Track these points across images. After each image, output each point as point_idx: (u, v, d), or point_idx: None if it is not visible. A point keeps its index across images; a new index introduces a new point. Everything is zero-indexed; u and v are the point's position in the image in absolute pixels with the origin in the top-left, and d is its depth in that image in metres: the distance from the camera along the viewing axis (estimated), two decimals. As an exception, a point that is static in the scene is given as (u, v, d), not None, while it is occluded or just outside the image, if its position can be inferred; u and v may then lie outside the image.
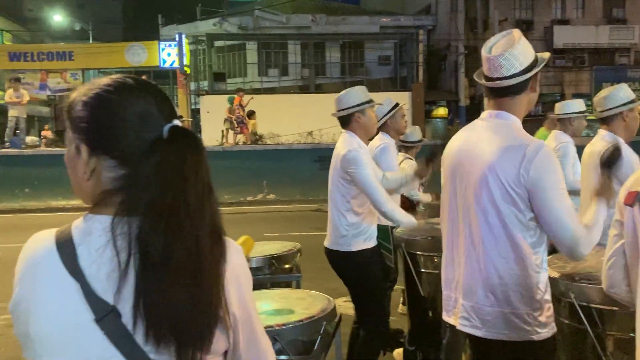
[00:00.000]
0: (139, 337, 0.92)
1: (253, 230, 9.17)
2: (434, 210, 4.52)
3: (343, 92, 3.42)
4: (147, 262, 0.91)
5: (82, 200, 1.06)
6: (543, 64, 2.06)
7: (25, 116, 15.11)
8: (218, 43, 26.06)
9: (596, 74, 24.32)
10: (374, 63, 26.67)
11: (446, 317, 2.22)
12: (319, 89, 24.47)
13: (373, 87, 24.92)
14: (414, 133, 5.39)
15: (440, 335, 2.55)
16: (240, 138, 15.89)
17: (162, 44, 19.42)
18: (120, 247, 0.93)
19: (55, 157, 14.22)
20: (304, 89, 24.84)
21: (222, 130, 16.21)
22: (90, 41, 29.25)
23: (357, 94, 3.35)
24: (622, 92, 3.32)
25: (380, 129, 4.14)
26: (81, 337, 0.93)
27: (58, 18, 34.54)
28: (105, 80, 1.03)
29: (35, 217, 12.16)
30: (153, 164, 0.94)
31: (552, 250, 2.30)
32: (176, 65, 19.16)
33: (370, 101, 3.38)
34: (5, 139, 14.69)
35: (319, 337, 2.29)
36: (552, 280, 2.28)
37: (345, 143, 3.30)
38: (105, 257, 0.93)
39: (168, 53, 19.21)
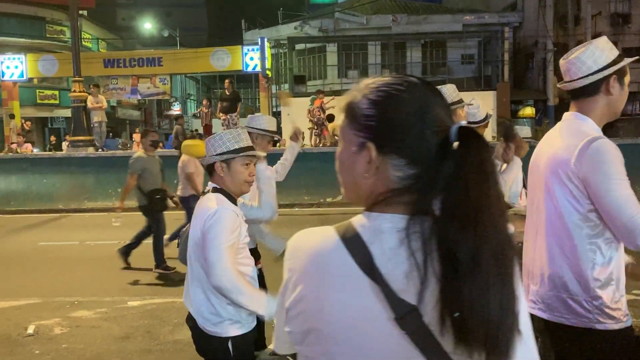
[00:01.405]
0: (446, 343, 0.89)
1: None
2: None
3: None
4: (453, 265, 0.87)
5: (349, 198, 1.07)
6: (614, 69, 2.09)
7: (106, 120, 15.91)
8: (299, 46, 26.38)
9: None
10: (457, 62, 26.05)
11: None
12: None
13: (456, 86, 24.31)
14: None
15: None
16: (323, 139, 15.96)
17: (245, 49, 19.88)
18: (415, 247, 0.91)
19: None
20: (384, 90, 24.62)
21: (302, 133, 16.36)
22: (178, 47, 30.49)
23: (447, 93, 3.24)
24: None
25: None
26: (378, 335, 0.92)
27: (148, 26, 36.29)
28: (390, 78, 1.01)
29: (128, 216, 12.75)
30: (451, 164, 0.91)
31: None
32: (258, 69, 19.55)
33: (460, 101, 3.26)
34: (96, 143, 15.52)
35: None
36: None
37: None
38: (401, 257, 0.92)
39: (251, 57, 19.63)
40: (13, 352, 4.78)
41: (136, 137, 20.16)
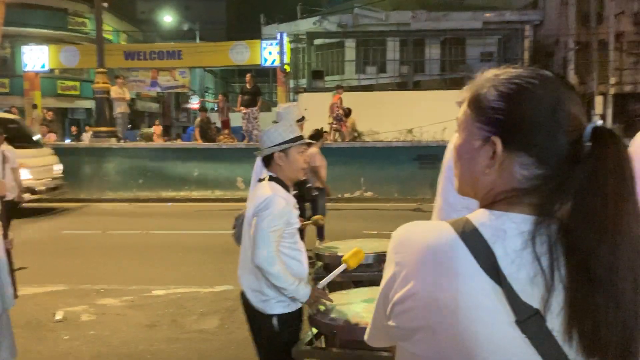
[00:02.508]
0: (570, 351, 0.87)
1: (352, 227, 9.18)
2: None
3: None
4: (586, 275, 0.85)
5: (462, 192, 1.03)
6: None
7: (129, 111, 16.05)
8: (317, 41, 26.37)
9: None
10: (476, 60, 25.86)
11: None
12: (417, 86, 24.10)
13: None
14: None
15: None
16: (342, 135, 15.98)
17: (264, 43, 19.91)
18: (540, 252, 0.87)
19: (165, 150, 15.02)
20: (401, 86, 24.56)
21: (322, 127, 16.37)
22: (197, 41, 30.62)
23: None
24: None
25: None
26: (498, 337, 0.88)
27: (168, 19, 36.46)
28: (522, 70, 0.96)
29: (147, 206, 12.91)
30: (586, 168, 0.87)
31: None
32: (277, 63, 19.60)
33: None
34: (119, 134, 15.68)
35: None
36: None
37: None
38: (525, 260, 0.88)
39: (269, 52, 19.67)
40: (43, 337, 4.89)
41: (156, 129, 20.31)
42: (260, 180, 2.94)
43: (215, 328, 5.05)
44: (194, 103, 29.63)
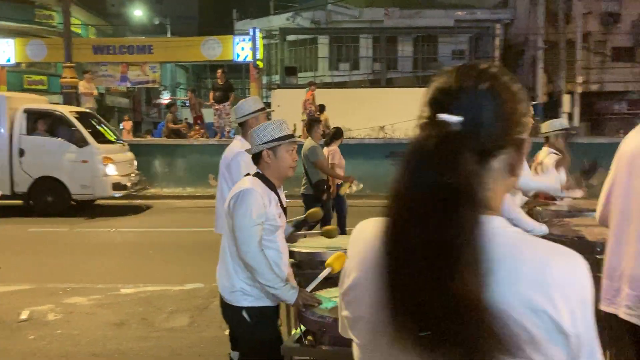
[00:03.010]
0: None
1: (333, 223, 9.19)
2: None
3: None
4: None
5: None
6: None
7: (96, 106, 15.73)
8: (290, 37, 26.29)
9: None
10: (448, 57, 26.12)
11: (606, 307, 2.22)
12: (390, 84, 24.21)
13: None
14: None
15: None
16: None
17: (237, 39, 19.76)
18: None
19: (133, 146, 14.82)
20: (374, 84, 24.66)
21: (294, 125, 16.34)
22: (169, 35, 30.24)
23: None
24: None
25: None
26: None
27: (138, 13, 35.91)
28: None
29: (119, 202, 12.69)
30: None
31: None
32: (249, 59, 19.47)
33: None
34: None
35: None
36: None
37: None
38: None
39: (242, 47, 19.54)
40: (8, 336, 4.77)
41: (125, 125, 20.01)
42: (247, 175, 2.94)
43: (185, 326, 4.99)
44: (165, 99, 29.28)
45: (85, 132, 11.07)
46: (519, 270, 0.86)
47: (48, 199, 10.91)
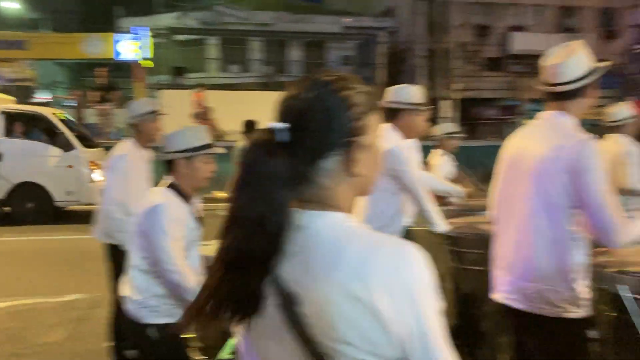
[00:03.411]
0: None
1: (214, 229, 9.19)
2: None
3: (403, 85, 3.53)
4: None
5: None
6: (598, 74, 2.26)
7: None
8: (179, 37, 25.68)
9: (549, 80, 25.02)
10: (336, 63, 26.82)
11: (492, 294, 2.44)
12: (280, 87, 24.38)
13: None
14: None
15: (482, 328, 2.94)
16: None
17: (120, 36, 19.02)
18: None
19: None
20: (265, 87, 24.75)
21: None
22: (46, 30, 28.37)
23: (414, 93, 3.43)
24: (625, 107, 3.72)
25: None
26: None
27: (12, 5, 33.34)
28: None
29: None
30: None
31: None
32: (134, 57, 18.80)
33: (421, 104, 3.45)
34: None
35: None
36: (604, 274, 2.55)
37: (386, 138, 3.29)
38: None
39: (126, 45, 18.83)
40: None
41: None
42: (157, 185, 2.77)
43: (63, 340, 4.78)
44: (43, 98, 27.43)
45: (71, 135, 10.42)
46: (342, 261, 0.95)
47: (28, 206, 10.17)
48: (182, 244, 2.59)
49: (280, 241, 0.98)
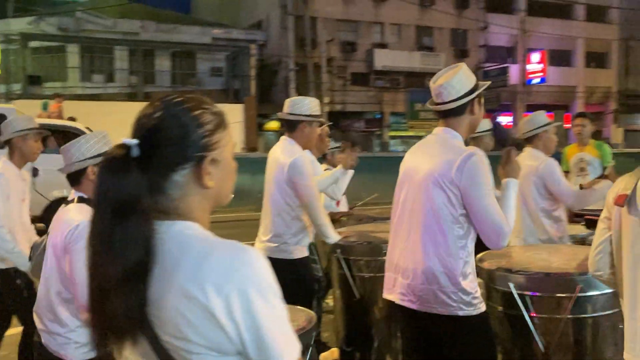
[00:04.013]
0: None
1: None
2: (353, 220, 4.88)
3: (301, 97, 3.55)
4: None
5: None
6: (478, 92, 2.47)
7: None
8: (34, 43, 23.90)
9: (410, 95, 26.72)
10: (206, 74, 26.51)
11: (387, 295, 2.59)
12: (148, 98, 23.59)
13: (207, 97, 24.63)
14: None
15: (374, 335, 3.11)
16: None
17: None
18: None
19: None
20: (132, 97, 23.78)
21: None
22: None
23: (312, 105, 3.46)
24: (541, 116, 3.95)
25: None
26: None
27: None
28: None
29: None
30: None
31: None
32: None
33: (318, 116, 3.48)
34: None
35: (310, 348, 2.40)
36: (492, 272, 2.79)
37: (286, 150, 3.37)
38: None
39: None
40: None
41: None
42: (67, 202, 2.52)
43: None
44: None
45: None
46: (181, 264, 1.03)
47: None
48: None
49: (147, 259, 1.03)
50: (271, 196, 3.43)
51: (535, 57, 28.29)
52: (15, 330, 3.81)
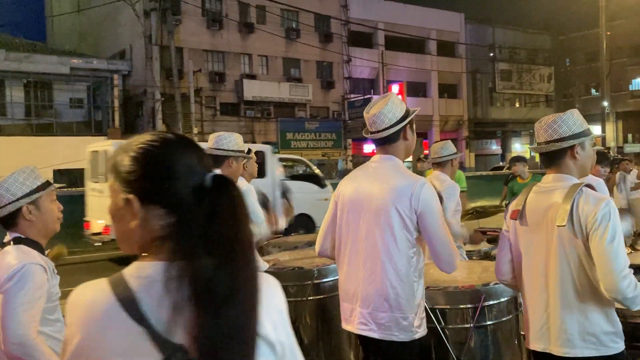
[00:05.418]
0: None
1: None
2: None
3: (226, 133, 3.72)
4: (211, 298, 0.99)
5: (124, 250, 1.13)
6: (409, 119, 2.58)
7: None
8: None
9: (281, 125, 27.21)
10: (65, 105, 25.00)
11: (345, 326, 2.60)
12: (-1, 131, 21.72)
13: (65, 130, 23.23)
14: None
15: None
16: None
17: None
18: (176, 289, 1.00)
19: None
20: (-21, 131, 21.74)
21: None
22: None
23: (238, 140, 3.61)
24: (451, 146, 4.25)
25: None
26: None
27: None
28: (148, 136, 1.11)
29: None
30: (206, 210, 1.04)
31: None
32: None
33: (243, 151, 3.62)
34: None
35: None
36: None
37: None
38: (167, 302, 1.00)
39: None
40: None
41: None
42: (2, 245, 2.29)
43: None
44: None
45: (321, 175, 13.34)
46: None
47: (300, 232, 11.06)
48: (41, 308, 2.18)
49: None
50: None
51: (395, 88, 30.08)
52: None
